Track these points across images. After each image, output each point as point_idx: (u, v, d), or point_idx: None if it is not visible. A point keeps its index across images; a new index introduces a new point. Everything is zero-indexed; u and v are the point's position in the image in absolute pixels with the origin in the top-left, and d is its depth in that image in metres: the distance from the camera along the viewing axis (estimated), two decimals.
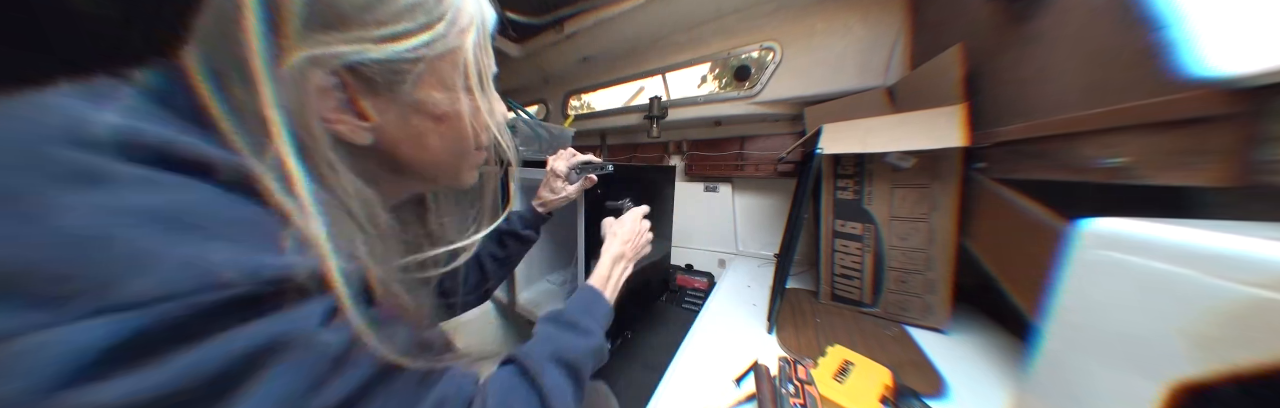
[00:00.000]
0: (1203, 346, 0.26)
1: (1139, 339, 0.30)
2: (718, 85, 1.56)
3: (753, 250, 1.48)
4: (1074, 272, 0.37)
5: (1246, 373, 0.24)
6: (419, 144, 0.32)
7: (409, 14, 0.27)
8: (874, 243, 0.79)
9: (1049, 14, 0.53)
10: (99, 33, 0.20)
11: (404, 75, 0.28)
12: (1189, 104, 0.34)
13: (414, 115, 0.31)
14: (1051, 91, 0.53)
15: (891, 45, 0.99)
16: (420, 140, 0.32)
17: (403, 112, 0.30)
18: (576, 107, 1.95)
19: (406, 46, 0.27)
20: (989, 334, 0.74)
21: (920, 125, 0.64)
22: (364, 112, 0.28)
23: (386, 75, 0.27)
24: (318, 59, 0.24)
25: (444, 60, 0.30)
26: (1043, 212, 0.52)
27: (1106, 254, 0.34)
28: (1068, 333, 0.38)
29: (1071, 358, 0.37)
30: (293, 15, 0.23)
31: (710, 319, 0.85)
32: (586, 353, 0.39)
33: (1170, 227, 0.30)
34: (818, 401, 0.49)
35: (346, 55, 0.25)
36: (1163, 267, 0.29)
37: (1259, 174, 0.31)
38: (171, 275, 0.14)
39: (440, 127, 0.33)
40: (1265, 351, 0.23)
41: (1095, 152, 0.44)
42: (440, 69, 0.30)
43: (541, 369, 0.34)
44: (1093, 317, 0.35)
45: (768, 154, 1.32)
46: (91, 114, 0.17)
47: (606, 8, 1.25)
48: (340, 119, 0.27)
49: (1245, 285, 0.24)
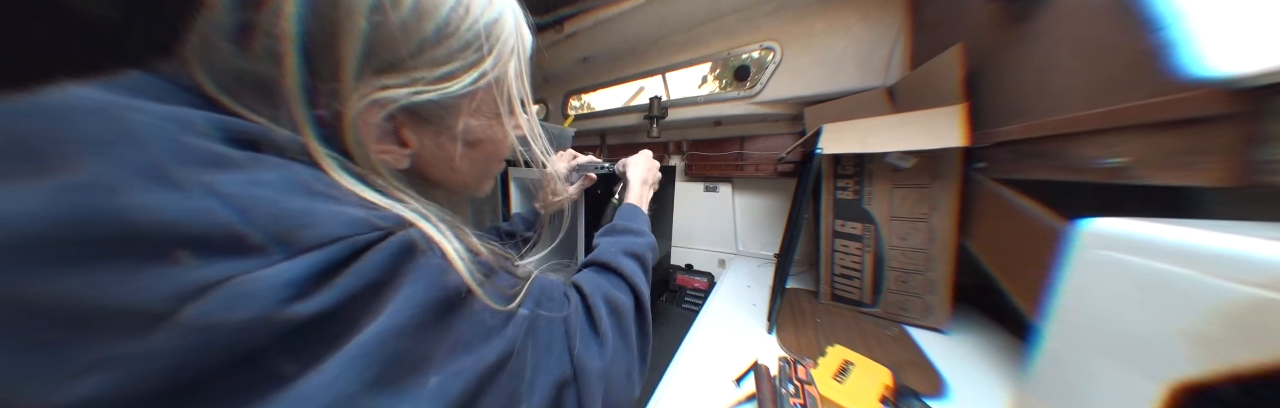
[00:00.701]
0: (1203, 346, 0.26)
1: (1139, 339, 0.30)
2: (718, 85, 1.56)
3: (753, 250, 1.48)
4: (1074, 272, 0.37)
5: (1246, 373, 0.24)
6: (450, 166, 0.34)
7: (461, 53, 0.28)
8: (874, 243, 0.79)
9: (1049, 14, 0.53)
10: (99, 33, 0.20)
11: (453, 109, 0.30)
12: (1189, 104, 0.34)
13: (450, 142, 0.32)
14: (1051, 91, 0.53)
15: (891, 45, 0.99)
16: (452, 163, 0.33)
17: (440, 138, 0.31)
18: (576, 107, 1.95)
19: (460, 86, 0.28)
20: (989, 334, 0.74)
21: (920, 125, 0.64)
22: (406, 140, 0.29)
23: (436, 111, 0.29)
24: (379, 102, 0.25)
25: (488, 91, 0.32)
26: (1043, 212, 0.52)
27: (1106, 254, 0.34)
28: (1068, 333, 0.38)
29: (1071, 358, 0.37)
30: (351, 60, 0.24)
31: (710, 319, 0.85)
32: (645, 247, 0.49)
33: (1170, 227, 0.30)
34: (818, 401, 0.49)
35: (404, 98, 0.26)
36: (1163, 267, 0.29)
37: (1259, 174, 0.31)
38: (331, 224, 0.19)
39: (474, 151, 0.34)
40: (1265, 351, 0.23)
41: (1095, 152, 0.44)
42: (484, 99, 0.32)
43: (617, 261, 0.43)
44: (1093, 317, 0.35)
45: (768, 154, 1.32)
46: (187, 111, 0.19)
47: (606, 8, 1.25)
48: (385, 149, 0.28)
49: (1245, 285, 0.24)
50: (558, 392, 0.28)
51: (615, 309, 0.37)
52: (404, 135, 0.29)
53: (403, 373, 0.20)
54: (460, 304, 0.24)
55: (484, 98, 0.32)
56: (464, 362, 0.23)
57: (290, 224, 0.18)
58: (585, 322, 0.34)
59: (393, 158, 0.29)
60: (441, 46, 0.27)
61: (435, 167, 0.33)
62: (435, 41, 0.27)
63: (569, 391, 0.29)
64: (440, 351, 0.22)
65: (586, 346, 0.32)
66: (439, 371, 0.22)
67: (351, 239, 0.19)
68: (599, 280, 0.40)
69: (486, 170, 0.38)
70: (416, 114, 0.28)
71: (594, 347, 0.32)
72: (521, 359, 0.27)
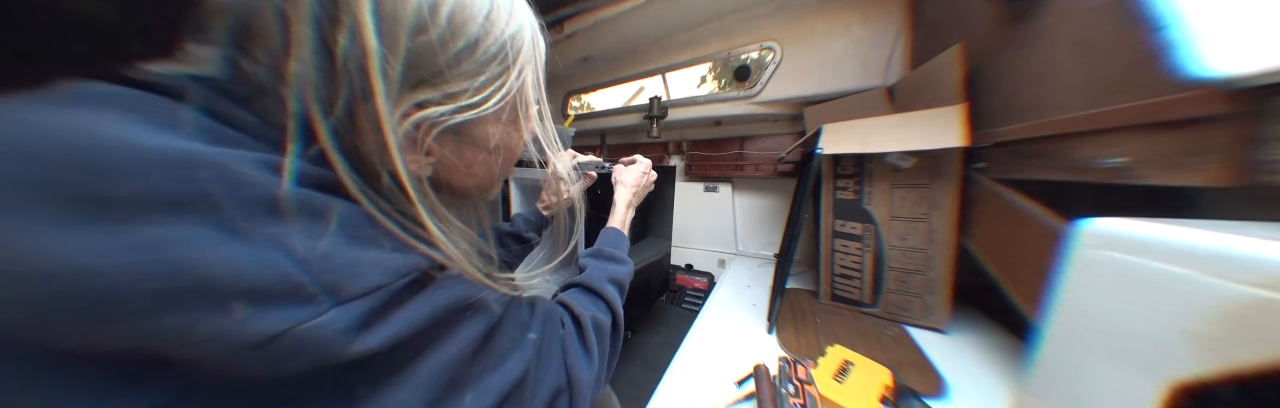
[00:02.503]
0: (1203, 345, 0.26)
1: (1139, 339, 0.30)
2: (718, 85, 1.56)
3: (753, 250, 1.48)
4: (1074, 272, 0.37)
5: (1246, 373, 0.24)
6: (467, 172, 0.35)
7: (488, 66, 0.29)
8: (874, 243, 0.79)
9: (1049, 13, 0.53)
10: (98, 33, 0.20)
11: (480, 121, 0.31)
12: (1189, 104, 0.34)
13: (469, 149, 0.33)
14: (1051, 91, 0.53)
15: (891, 45, 0.99)
16: (469, 169, 0.34)
17: (459, 146, 0.32)
18: (576, 107, 1.95)
19: (493, 103, 0.30)
20: (989, 334, 0.74)
21: (920, 125, 0.64)
22: (429, 148, 0.30)
23: (463, 123, 0.30)
24: (421, 121, 0.27)
25: (508, 101, 0.32)
26: (1043, 212, 0.52)
27: (1106, 254, 0.34)
28: (1068, 333, 0.38)
29: (1071, 358, 0.37)
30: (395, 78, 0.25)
31: (710, 319, 0.85)
32: (625, 275, 0.55)
33: (1170, 227, 0.30)
34: (817, 401, 0.49)
35: (444, 117, 0.28)
36: (1163, 267, 0.29)
37: (1259, 174, 0.31)
38: (372, 275, 0.21)
39: (490, 157, 0.35)
40: (1265, 351, 0.23)
41: (1095, 152, 0.44)
42: (505, 109, 0.33)
43: (601, 287, 0.48)
44: (1093, 317, 0.35)
45: (768, 154, 1.32)
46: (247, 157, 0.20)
47: (606, 8, 1.25)
48: (412, 158, 0.29)
49: (1245, 285, 0.24)
50: (553, 398, 0.32)
51: (599, 329, 0.42)
52: (427, 143, 0.30)
53: (451, 392, 0.25)
54: (491, 335, 0.29)
55: (507, 108, 0.33)
56: (491, 380, 0.27)
57: (341, 275, 0.20)
58: (578, 340, 0.39)
59: (417, 167, 0.30)
60: (471, 60, 0.28)
61: (454, 173, 0.34)
62: (467, 55, 0.28)
63: (562, 397, 0.33)
64: (474, 372, 0.27)
65: (578, 359, 0.36)
66: (473, 389, 0.26)
67: (390, 287, 0.22)
68: (587, 302, 0.46)
69: (500, 175, 0.40)
70: (442, 128, 0.29)
71: (584, 360, 0.37)
72: (532, 376, 0.31)
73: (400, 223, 0.26)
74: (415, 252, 0.25)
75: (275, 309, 0.18)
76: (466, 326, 0.27)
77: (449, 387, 0.24)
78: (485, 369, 0.27)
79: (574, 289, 0.49)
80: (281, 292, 0.18)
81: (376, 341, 0.20)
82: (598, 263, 0.55)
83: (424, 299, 0.24)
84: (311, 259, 0.19)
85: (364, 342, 0.20)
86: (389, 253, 0.23)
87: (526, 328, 0.33)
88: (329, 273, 0.19)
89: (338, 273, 0.20)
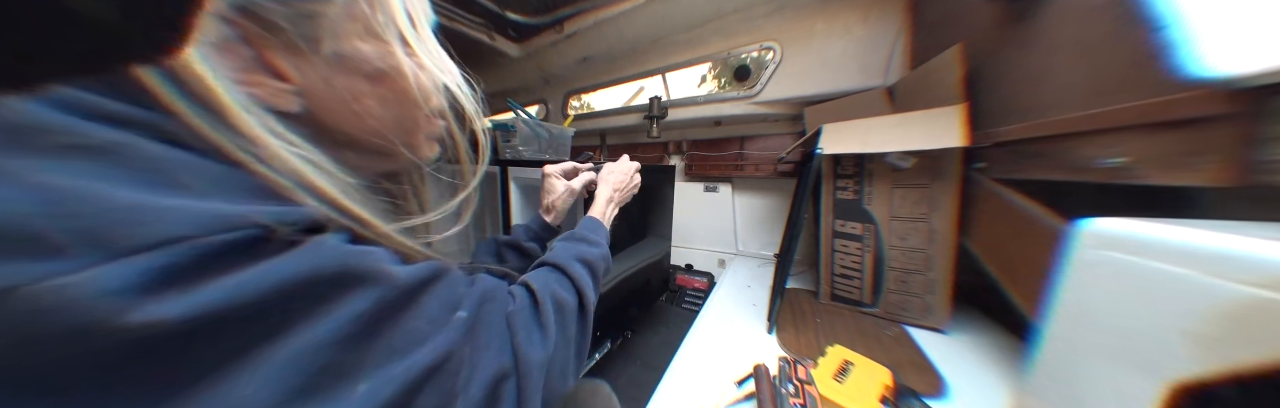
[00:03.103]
0: (1203, 345, 0.26)
1: (1139, 339, 0.30)
2: (718, 85, 1.56)
3: (753, 250, 1.48)
4: (1074, 272, 0.37)
5: (1246, 373, 0.24)
6: (354, 110, 0.29)
7: None
8: (874, 243, 0.79)
9: (1049, 13, 0.53)
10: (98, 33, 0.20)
11: (316, 21, 0.25)
12: (1189, 104, 0.34)
13: (340, 75, 0.27)
14: (1051, 91, 0.53)
15: (891, 45, 0.99)
16: (354, 105, 0.29)
17: (327, 70, 0.27)
18: (576, 107, 1.95)
19: None
20: (989, 334, 0.74)
21: (920, 125, 0.64)
22: (282, 71, 0.25)
23: (294, 21, 0.24)
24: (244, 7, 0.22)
25: (362, 2, 0.27)
26: (1043, 212, 0.52)
27: (1106, 254, 0.34)
28: (1068, 333, 0.38)
29: (1071, 358, 0.37)
30: None
31: (710, 319, 0.85)
32: (598, 256, 0.51)
33: (1170, 227, 0.30)
34: (817, 401, 0.49)
35: None
36: (1163, 267, 0.29)
37: (1259, 174, 0.31)
38: (166, 223, 0.17)
39: (377, 88, 0.29)
40: (1265, 350, 0.23)
41: (1095, 152, 0.44)
42: (359, 13, 0.27)
43: (568, 264, 0.45)
44: (1093, 317, 0.35)
45: (768, 154, 1.32)
46: None
47: (606, 8, 1.25)
48: (254, 80, 0.24)
49: (1245, 285, 0.24)
50: (495, 385, 0.28)
51: (560, 306, 0.38)
52: (277, 65, 0.25)
53: (329, 381, 0.20)
54: (391, 314, 0.24)
55: (362, 12, 0.27)
56: (395, 368, 0.22)
57: (111, 222, 0.16)
58: (531, 315, 0.35)
59: (267, 92, 0.25)
60: None
61: (337, 109, 0.28)
62: None
63: (508, 383, 0.29)
64: (368, 358, 0.22)
65: (529, 338, 0.32)
66: (369, 377, 0.21)
67: (195, 242, 0.17)
68: (548, 279, 0.42)
69: (409, 117, 0.32)
70: (271, 27, 0.24)
71: (539, 339, 0.33)
72: (458, 359, 0.26)
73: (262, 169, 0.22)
74: (271, 203, 0.21)
75: None
76: (347, 301, 0.21)
77: (324, 375, 0.20)
78: (388, 354, 0.22)
79: (539, 268, 0.45)
80: (10, 238, 0.14)
81: (177, 310, 0.16)
82: (567, 244, 0.52)
83: (270, 264, 0.19)
84: (64, 200, 0.15)
85: (152, 310, 0.15)
86: (203, 200, 0.18)
87: (453, 306, 0.28)
88: (91, 218, 0.15)
89: (104, 218, 0.16)
